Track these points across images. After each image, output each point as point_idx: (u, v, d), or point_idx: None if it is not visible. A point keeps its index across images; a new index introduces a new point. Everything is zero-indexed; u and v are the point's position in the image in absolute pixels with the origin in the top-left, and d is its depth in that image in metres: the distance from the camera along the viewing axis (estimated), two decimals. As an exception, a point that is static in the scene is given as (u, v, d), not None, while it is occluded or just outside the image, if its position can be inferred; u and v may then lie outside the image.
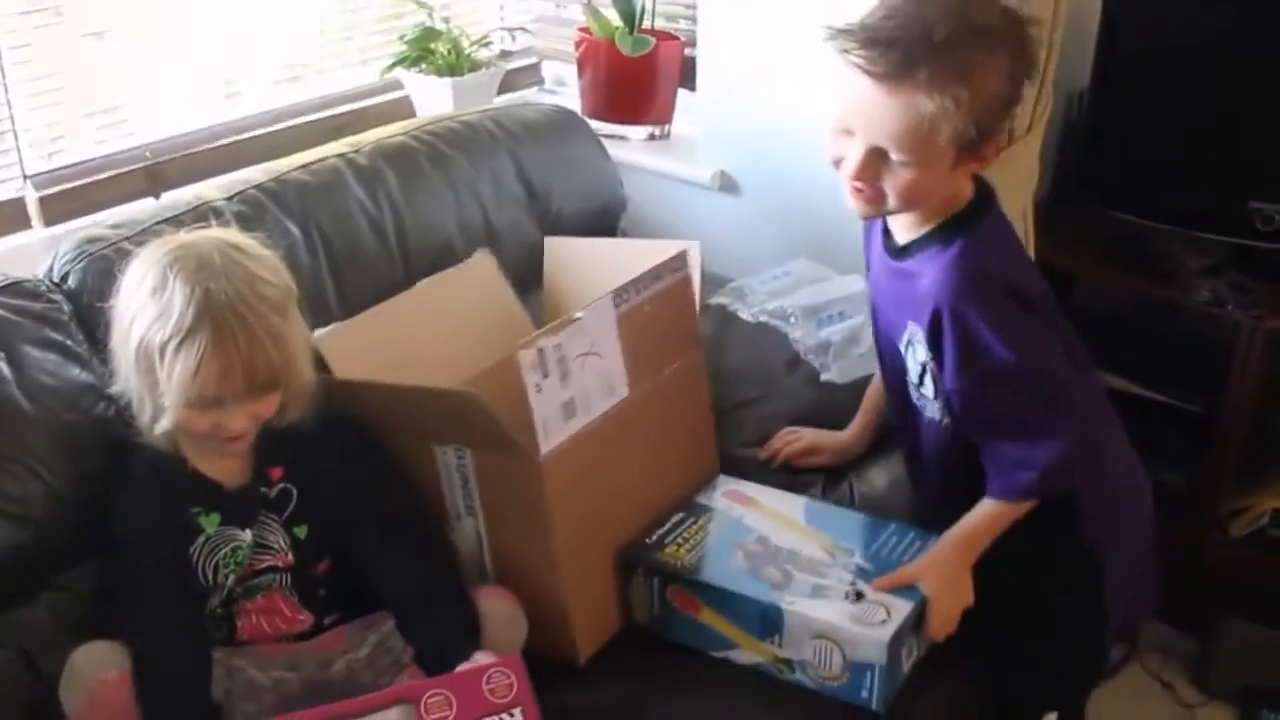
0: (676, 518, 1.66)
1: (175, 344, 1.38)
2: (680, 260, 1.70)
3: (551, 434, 1.53)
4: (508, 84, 2.65)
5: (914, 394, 1.59)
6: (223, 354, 1.38)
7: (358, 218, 1.93)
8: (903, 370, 1.58)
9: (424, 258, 1.98)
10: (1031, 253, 2.25)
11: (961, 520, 1.53)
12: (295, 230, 1.85)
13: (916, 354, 1.52)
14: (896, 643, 1.45)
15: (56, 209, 2.06)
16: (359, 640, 1.57)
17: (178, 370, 1.39)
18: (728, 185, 2.45)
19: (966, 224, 1.46)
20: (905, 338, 1.53)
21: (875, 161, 1.38)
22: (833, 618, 1.47)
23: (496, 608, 1.56)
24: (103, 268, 1.67)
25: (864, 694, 1.47)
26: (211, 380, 1.39)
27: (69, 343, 1.63)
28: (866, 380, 1.89)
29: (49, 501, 1.55)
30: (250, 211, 1.82)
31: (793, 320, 2.07)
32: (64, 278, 1.70)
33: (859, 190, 1.42)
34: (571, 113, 2.35)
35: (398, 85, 2.53)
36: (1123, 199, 2.35)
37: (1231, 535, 2.36)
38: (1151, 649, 2.42)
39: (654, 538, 1.63)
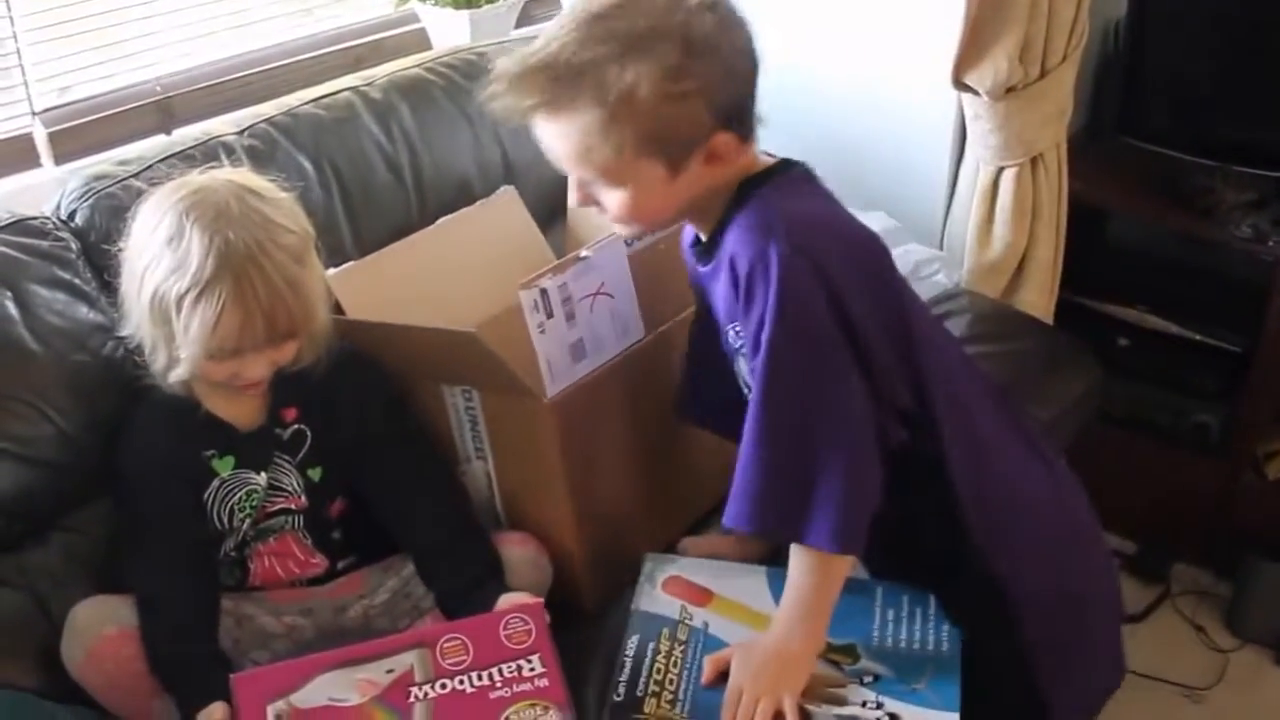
0: (632, 647, 1.35)
1: (193, 296, 1.35)
2: None
3: (559, 376, 1.49)
4: (526, 16, 2.58)
5: None
6: (242, 306, 1.35)
7: (371, 153, 1.89)
8: (739, 391, 1.40)
9: (440, 194, 1.94)
10: (1065, 189, 2.21)
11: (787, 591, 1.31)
12: (308, 166, 1.81)
13: (741, 365, 1.37)
14: None
15: (66, 146, 2.02)
16: (376, 585, 1.56)
17: (196, 323, 1.36)
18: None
19: (750, 190, 1.32)
20: (731, 343, 1.38)
21: (587, 187, 1.31)
22: None
23: (521, 554, 1.54)
24: (111, 205, 1.64)
25: None
26: (231, 332, 1.37)
27: (77, 281, 1.60)
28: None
29: (58, 443, 1.53)
30: (261, 146, 1.79)
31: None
32: (71, 215, 1.67)
33: (610, 216, 1.33)
34: (592, 44, 2.29)
35: (413, 18, 2.47)
36: (1160, 132, 2.30)
37: (1268, 478, 2.31)
38: (1184, 592, 2.39)
39: (621, 693, 1.30)
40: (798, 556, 1.28)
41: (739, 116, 1.29)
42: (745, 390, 1.36)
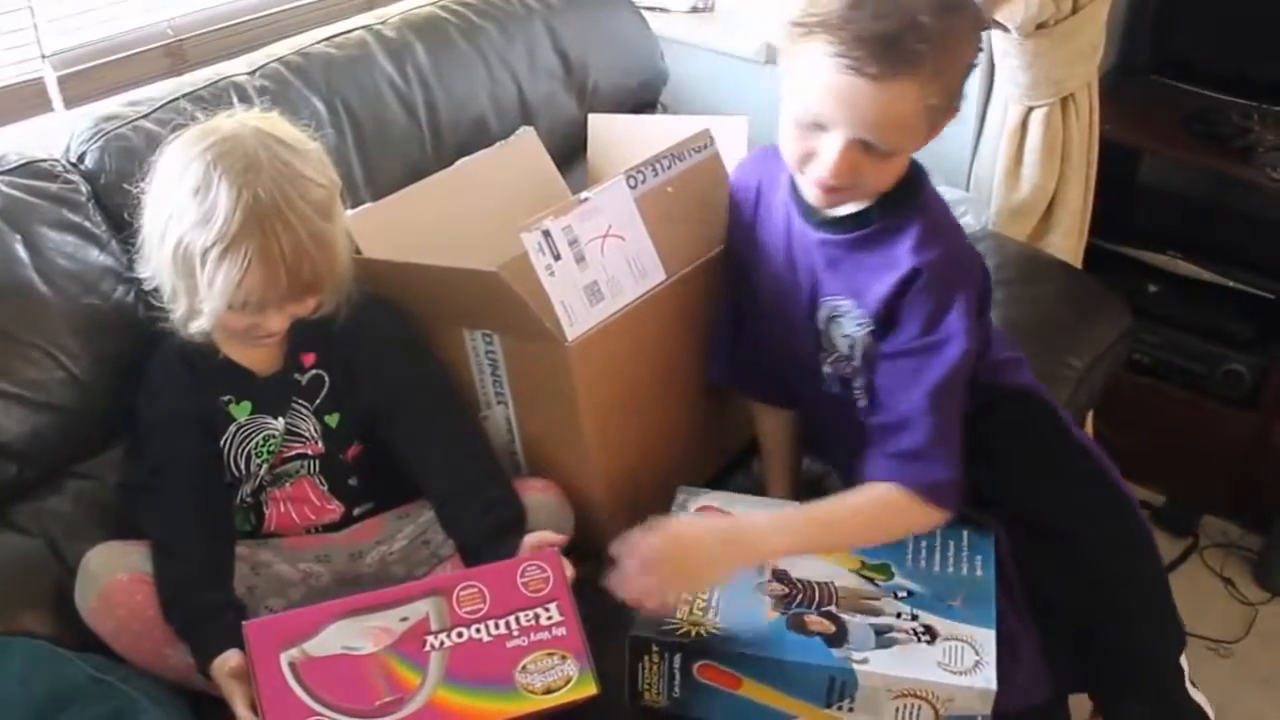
0: None
1: (218, 252, 1.33)
2: (702, 139, 1.64)
3: (577, 319, 1.47)
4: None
5: (828, 367, 1.47)
6: (267, 263, 1.34)
7: (385, 92, 1.86)
8: (807, 339, 1.47)
9: (456, 134, 1.92)
10: (1095, 130, 2.16)
11: (818, 502, 1.37)
12: (320, 106, 1.79)
13: (843, 327, 1.42)
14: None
15: (77, 89, 1.99)
16: (394, 531, 1.55)
17: (220, 278, 1.34)
18: (773, 58, 2.34)
19: (913, 198, 1.39)
20: (828, 311, 1.43)
21: (855, 154, 1.28)
22: (917, 671, 1.26)
23: (543, 500, 1.53)
24: (122, 147, 1.63)
25: None
26: (255, 288, 1.35)
27: (87, 224, 1.58)
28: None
29: (70, 388, 1.52)
30: (273, 87, 1.76)
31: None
32: (81, 157, 1.65)
33: (832, 188, 1.32)
34: (610, -18, 2.25)
35: (429, -43, 2.43)
36: (1194, 71, 2.25)
37: (1301, 427, 2.28)
38: (1213, 545, 2.36)
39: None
40: (890, 494, 1.33)
41: None
42: (830, 355, 1.45)
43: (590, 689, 1.26)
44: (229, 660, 1.29)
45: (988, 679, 1.26)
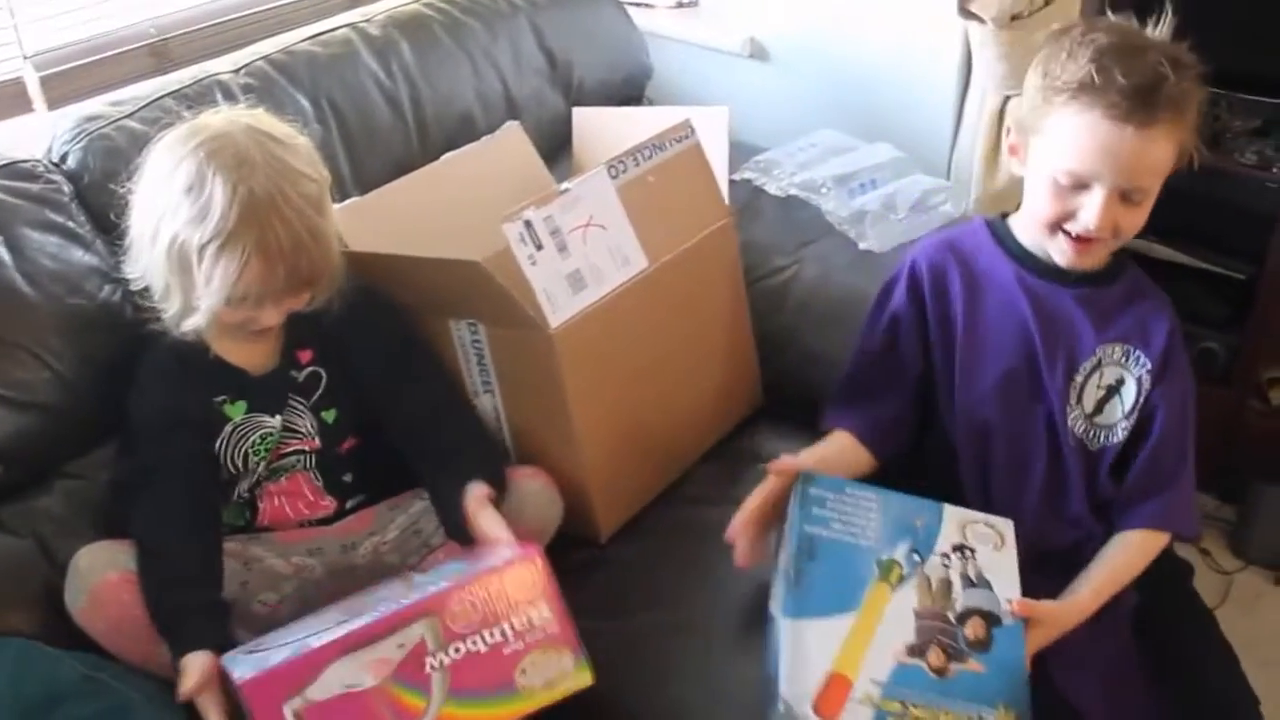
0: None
1: (216, 247, 1.33)
2: (683, 129, 1.66)
3: (560, 307, 1.49)
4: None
5: (1071, 424, 1.46)
6: (266, 257, 1.34)
7: (371, 90, 1.87)
8: (1055, 400, 1.46)
9: (442, 130, 1.92)
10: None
11: (1103, 565, 1.43)
12: (305, 103, 1.79)
13: (1108, 375, 1.46)
14: None
15: (59, 90, 1.99)
16: (386, 522, 1.56)
17: (218, 274, 1.34)
18: (758, 52, 2.37)
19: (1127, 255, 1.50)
20: (1094, 360, 1.46)
21: (1114, 205, 1.35)
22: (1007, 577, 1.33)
23: (531, 487, 1.54)
24: (105, 147, 1.62)
25: None
26: (254, 283, 1.36)
27: (71, 224, 1.58)
28: (907, 246, 1.79)
29: (56, 388, 1.51)
30: (258, 84, 1.76)
31: (824, 191, 2.00)
32: (63, 158, 1.64)
33: (1092, 240, 1.38)
34: (593, -23, 2.26)
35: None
36: (1166, 58, 2.25)
37: (1272, 403, 2.31)
38: (1189, 517, 2.40)
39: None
40: (1147, 543, 1.45)
41: None
42: (1088, 399, 1.47)
43: (586, 678, 1.27)
44: (197, 659, 1.27)
45: (1004, 520, 1.36)
